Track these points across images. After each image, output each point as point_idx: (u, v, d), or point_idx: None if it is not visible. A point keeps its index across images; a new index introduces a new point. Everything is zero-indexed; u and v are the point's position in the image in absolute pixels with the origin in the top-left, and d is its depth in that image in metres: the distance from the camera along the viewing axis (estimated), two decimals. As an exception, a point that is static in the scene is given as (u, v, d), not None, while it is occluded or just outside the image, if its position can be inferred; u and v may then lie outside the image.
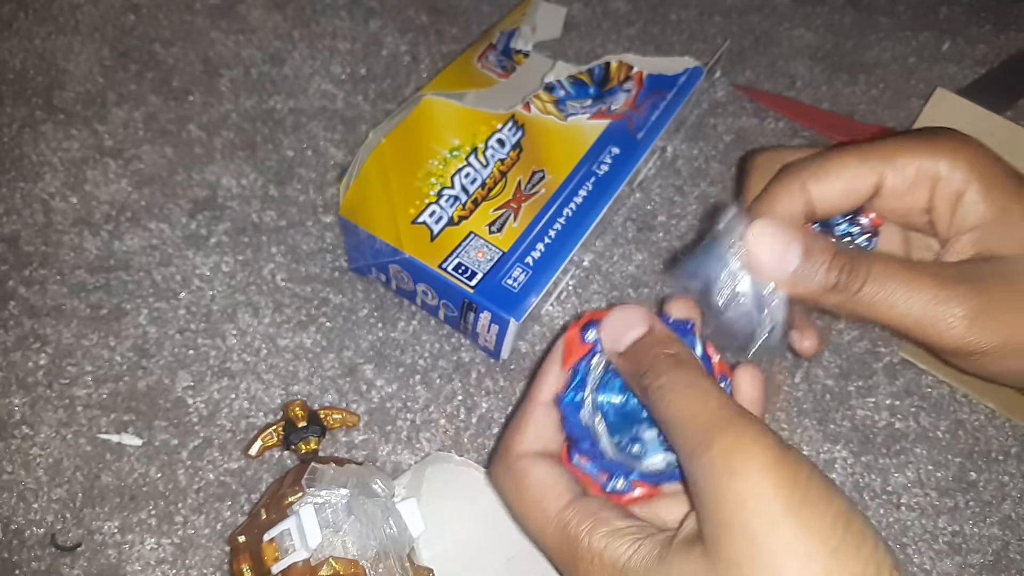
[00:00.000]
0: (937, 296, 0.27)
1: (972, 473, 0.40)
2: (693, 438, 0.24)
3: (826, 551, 0.22)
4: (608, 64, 0.47)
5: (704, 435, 0.24)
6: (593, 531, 0.27)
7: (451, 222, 0.40)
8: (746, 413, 0.25)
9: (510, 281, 0.39)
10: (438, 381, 0.41)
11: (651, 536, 0.26)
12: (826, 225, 0.32)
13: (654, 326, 0.28)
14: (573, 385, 0.29)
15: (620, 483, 0.29)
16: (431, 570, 0.33)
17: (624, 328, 0.28)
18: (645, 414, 0.29)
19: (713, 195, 0.48)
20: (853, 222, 0.31)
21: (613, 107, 0.45)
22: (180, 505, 0.37)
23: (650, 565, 0.25)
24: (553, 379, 0.30)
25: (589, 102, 0.46)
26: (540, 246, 0.40)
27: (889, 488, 0.40)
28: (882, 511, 0.39)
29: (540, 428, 0.30)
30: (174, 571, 0.35)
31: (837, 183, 0.31)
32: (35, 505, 0.36)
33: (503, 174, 0.42)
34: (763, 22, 0.58)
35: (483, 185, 0.42)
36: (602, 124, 0.45)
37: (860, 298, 0.28)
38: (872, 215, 0.31)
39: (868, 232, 0.31)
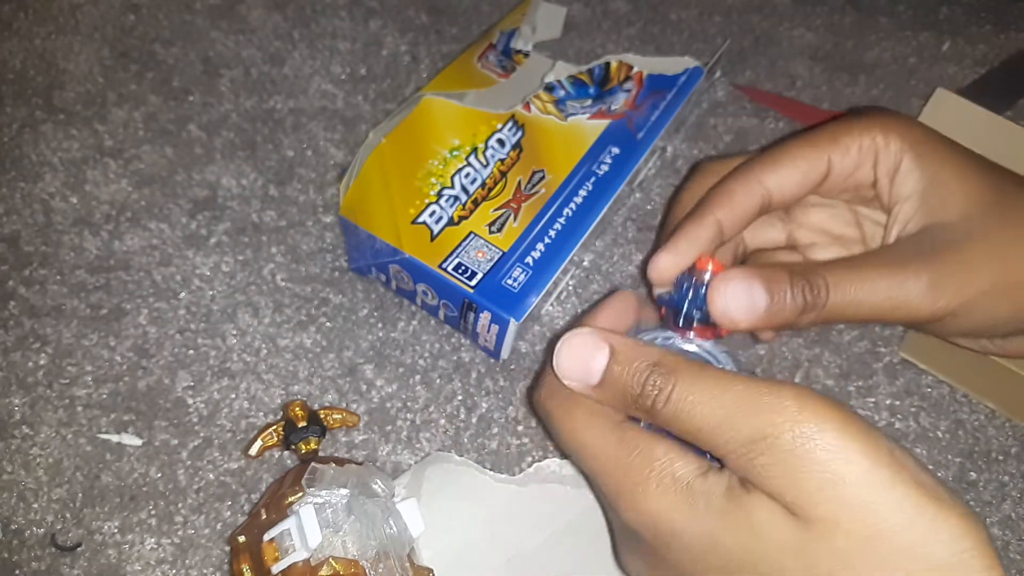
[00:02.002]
0: (893, 281, 0.29)
1: (972, 473, 0.40)
2: (737, 436, 0.24)
3: (925, 502, 0.22)
4: (608, 64, 0.47)
5: (752, 429, 0.24)
6: (655, 443, 0.26)
7: (451, 222, 0.40)
8: (770, 383, 0.25)
9: (510, 281, 0.39)
10: (438, 381, 0.41)
11: (715, 470, 0.26)
12: (669, 300, 0.32)
13: (614, 345, 0.28)
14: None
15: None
16: (431, 570, 0.33)
17: (585, 359, 0.28)
18: None
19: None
20: (691, 284, 0.31)
21: (613, 107, 0.45)
22: (180, 505, 0.37)
23: (721, 497, 0.25)
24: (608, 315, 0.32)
25: (589, 102, 0.46)
26: (540, 246, 0.40)
27: (889, 488, 0.40)
28: (882, 511, 0.39)
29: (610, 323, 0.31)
30: (174, 571, 0.35)
31: (792, 172, 0.32)
32: (35, 505, 0.36)
33: (503, 174, 0.42)
34: (763, 22, 0.58)
35: (483, 185, 0.42)
36: (602, 124, 0.45)
37: (829, 309, 0.29)
38: (708, 267, 0.30)
39: (702, 284, 0.30)
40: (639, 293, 0.33)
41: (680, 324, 0.30)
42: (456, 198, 0.41)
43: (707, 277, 0.30)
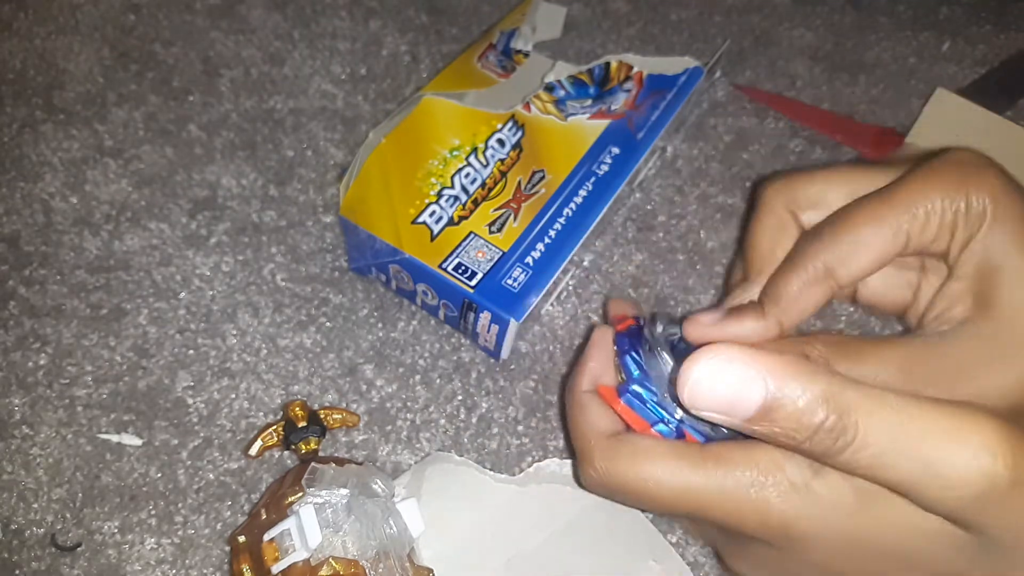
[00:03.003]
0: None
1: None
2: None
3: None
4: (608, 64, 0.47)
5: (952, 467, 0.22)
6: (752, 450, 0.25)
7: (451, 222, 0.40)
8: (961, 409, 0.22)
9: (510, 281, 0.39)
10: (438, 381, 0.41)
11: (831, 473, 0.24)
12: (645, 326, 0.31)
13: (773, 370, 0.23)
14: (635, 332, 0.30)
15: (667, 428, 0.28)
16: (431, 570, 0.33)
17: (738, 389, 0.23)
18: None
19: (713, 195, 0.48)
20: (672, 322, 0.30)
21: (613, 107, 0.45)
22: (180, 505, 0.37)
23: (852, 496, 0.24)
24: (592, 371, 0.31)
25: (589, 102, 0.46)
26: (540, 246, 0.40)
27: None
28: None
29: (605, 410, 0.30)
30: (174, 571, 0.35)
31: (866, 259, 0.28)
32: (35, 505, 0.36)
33: (503, 174, 0.42)
34: (763, 22, 0.58)
35: (483, 185, 0.42)
36: (602, 124, 0.45)
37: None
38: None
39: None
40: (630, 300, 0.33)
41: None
42: (456, 198, 0.41)
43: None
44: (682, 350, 0.30)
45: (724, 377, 0.23)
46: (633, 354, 0.30)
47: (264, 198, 0.46)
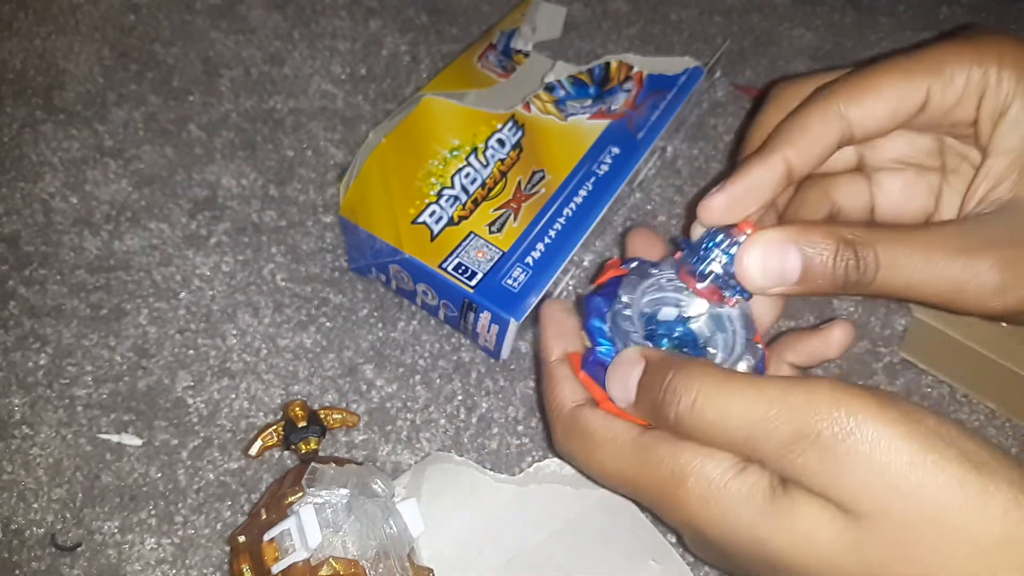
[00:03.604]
0: (962, 267, 0.26)
1: (972, 473, 0.40)
2: (773, 440, 0.23)
3: (972, 477, 0.22)
4: (608, 64, 0.47)
5: (789, 431, 0.23)
6: (680, 449, 0.25)
7: (451, 222, 0.40)
8: (801, 381, 0.24)
9: (510, 281, 0.39)
10: (438, 381, 0.41)
11: (751, 464, 0.25)
12: (690, 247, 0.30)
13: (647, 357, 0.27)
14: (604, 294, 0.30)
15: None
16: (431, 570, 0.33)
17: (625, 376, 0.27)
18: (697, 339, 0.30)
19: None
20: (721, 238, 0.30)
21: (613, 107, 0.45)
22: (180, 505, 0.37)
23: (762, 499, 0.24)
24: (558, 339, 0.31)
25: (589, 102, 0.46)
26: (540, 246, 0.40)
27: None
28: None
29: (572, 382, 0.30)
30: (174, 571, 0.35)
31: (880, 104, 0.28)
32: (35, 505, 0.36)
33: (503, 174, 0.42)
34: (763, 22, 0.58)
35: (483, 185, 0.42)
36: (602, 124, 0.45)
37: (876, 286, 0.26)
38: (747, 232, 0.29)
39: (733, 241, 0.29)
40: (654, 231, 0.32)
41: (695, 275, 0.29)
42: (456, 198, 0.41)
43: (742, 240, 0.28)
44: (671, 294, 0.31)
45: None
46: (597, 320, 0.30)
47: (264, 198, 0.46)
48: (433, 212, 0.40)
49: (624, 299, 0.30)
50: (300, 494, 0.31)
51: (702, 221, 0.29)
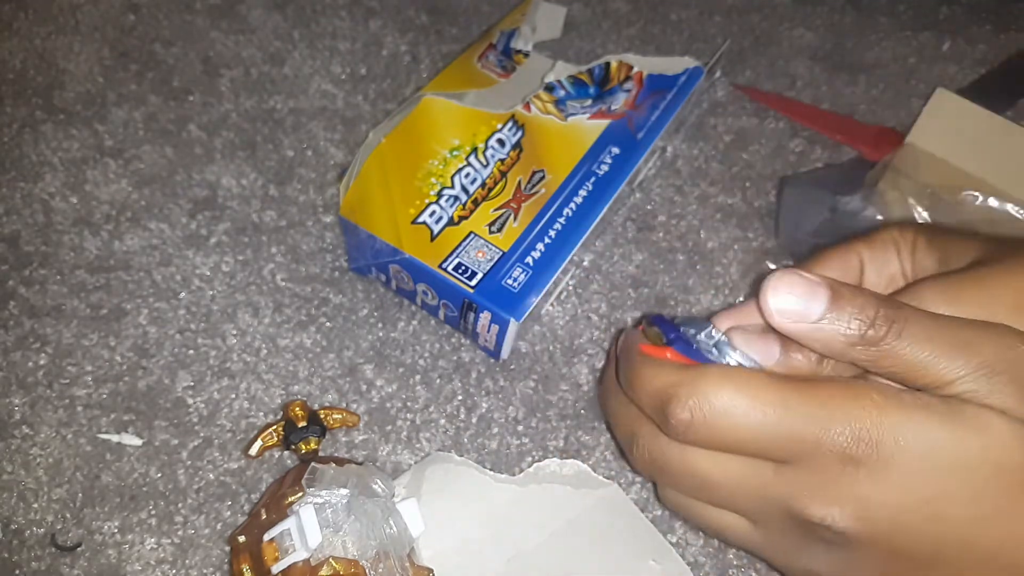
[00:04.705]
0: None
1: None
2: (975, 358, 0.25)
3: None
4: (608, 64, 0.47)
5: (992, 350, 0.25)
6: (848, 376, 0.28)
7: (451, 222, 0.40)
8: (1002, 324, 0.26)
9: (510, 281, 0.39)
10: (438, 381, 0.41)
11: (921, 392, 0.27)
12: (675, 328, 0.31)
13: (833, 284, 0.27)
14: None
15: None
16: (431, 570, 0.33)
17: (807, 294, 0.27)
18: None
19: (713, 195, 0.48)
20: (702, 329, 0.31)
21: (613, 107, 0.45)
22: (180, 505, 0.37)
23: (942, 405, 0.26)
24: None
25: (589, 102, 0.46)
26: (540, 246, 0.40)
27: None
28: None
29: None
30: (174, 571, 0.35)
31: (827, 271, 0.32)
32: (35, 505, 0.36)
33: (503, 174, 0.42)
34: (763, 22, 0.58)
35: (483, 185, 0.42)
36: (602, 124, 0.45)
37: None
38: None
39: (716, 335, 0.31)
40: None
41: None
42: (456, 198, 0.41)
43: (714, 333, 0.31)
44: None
45: (795, 288, 0.27)
46: (666, 325, 0.31)
47: (264, 198, 0.46)
48: (433, 212, 0.40)
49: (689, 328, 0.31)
50: (300, 494, 0.31)
51: (774, 322, 0.29)
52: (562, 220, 0.41)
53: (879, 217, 0.43)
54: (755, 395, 0.27)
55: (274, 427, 0.37)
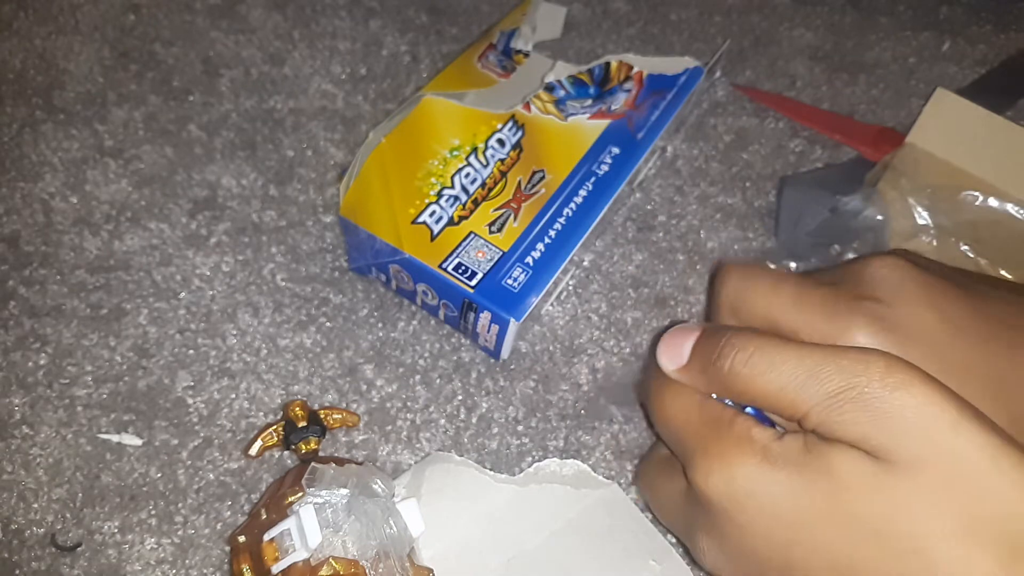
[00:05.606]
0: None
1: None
2: (822, 390, 0.25)
3: (1011, 451, 0.23)
4: (608, 64, 0.47)
5: (838, 382, 0.24)
6: (734, 413, 0.27)
7: (451, 222, 0.40)
8: (855, 348, 0.25)
9: (510, 281, 0.39)
10: (438, 381, 0.41)
11: (791, 433, 0.27)
12: None
13: (704, 327, 0.29)
14: None
15: None
16: (431, 570, 0.33)
17: (681, 341, 0.30)
18: None
19: (713, 195, 0.48)
20: None
21: (613, 107, 0.45)
22: (180, 505, 0.37)
23: (799, 453, 0.25)
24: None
25: (589, 102, 0.46)
26: (540, 246, 0.40)
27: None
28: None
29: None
30: (174, 571, 0.35)
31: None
32: (35, 505, 0.36)
33: (503, 174, 0.42)
34: (763, 22, 0.58)
35: (483, 185, 0.42)
36: (602, 124, 0.45)
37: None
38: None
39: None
40: None
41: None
42: (456, 198, 0.41)
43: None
44: None
45: (669, 337, 0.30)
46: None
47: (264, 198, 0.46)
48: (433, 212, 0.40)
49: None
50: (300, 494, 0.31)
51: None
52: (562, 220, 0.41)
53: (879, 217, 0.43)
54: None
55: (274, 427, 0.37)
